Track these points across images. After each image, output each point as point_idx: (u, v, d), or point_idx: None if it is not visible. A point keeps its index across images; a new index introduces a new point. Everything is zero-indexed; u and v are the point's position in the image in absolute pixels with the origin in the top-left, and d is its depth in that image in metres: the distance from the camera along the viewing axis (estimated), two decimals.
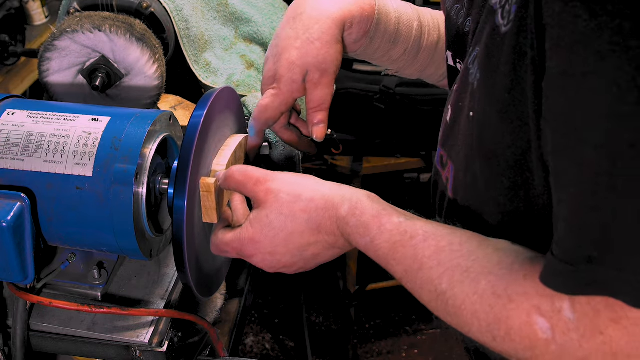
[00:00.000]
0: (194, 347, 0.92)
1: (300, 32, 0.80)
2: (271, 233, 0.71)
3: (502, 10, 0.57)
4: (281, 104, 0.83)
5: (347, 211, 0.67)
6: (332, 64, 0.81)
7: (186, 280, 0.79)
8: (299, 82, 0.82)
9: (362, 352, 2.29)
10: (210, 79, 1.21)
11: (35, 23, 2.08)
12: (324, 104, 0.82)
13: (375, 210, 0.66)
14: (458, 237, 0.61)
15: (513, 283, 0.54)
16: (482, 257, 0.58)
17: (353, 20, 0.82)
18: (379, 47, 0.88)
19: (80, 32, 0.98)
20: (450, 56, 0.78)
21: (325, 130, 0.84)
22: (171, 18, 1.15)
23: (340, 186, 0.71)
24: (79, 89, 1.03)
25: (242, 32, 1.30)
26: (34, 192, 0.79)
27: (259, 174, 0.74)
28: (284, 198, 0.71)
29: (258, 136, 0.87)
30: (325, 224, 0.69)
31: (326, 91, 0.82)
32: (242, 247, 0.74)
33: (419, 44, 0.91)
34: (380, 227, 0.65)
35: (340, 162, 2.01)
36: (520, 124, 0.55)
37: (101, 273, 0.89)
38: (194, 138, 0.75)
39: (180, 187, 0.74)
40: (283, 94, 0.82)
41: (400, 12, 0.88)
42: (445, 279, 0.58)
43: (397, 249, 0.63)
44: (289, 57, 0.81)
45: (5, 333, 0.88)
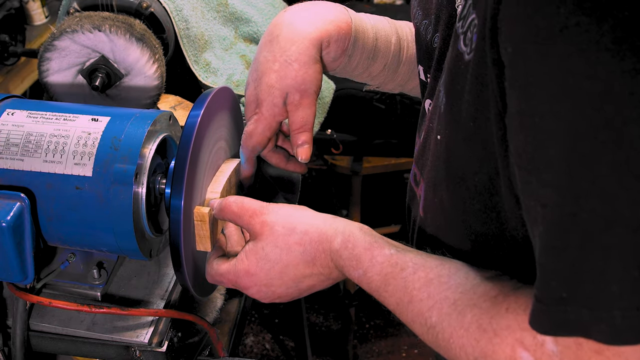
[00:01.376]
0: (194, 347, 0.92)
1: (277, 55, 0.80)
2: (267, 266, 0.72)
3: (464, 36, 0.57)
4: (265, 129, 0.83)
5: (340, 244, 0.68)
6: (312, 84, 0.81)
7: (183, 281, 0.79)
8: (280, 106, 0.81)
9: (362, 352, 2.29)
10: (210, 79, 1.21)
11: (35, 23, 2.08)
12: (307, 125, 0.82)
13: (367, 242, 0.67)
14: (447, 269, 0.61)
15: (496, 316, 0.55)
16: (469, 289, 0.58)
17: (330, 39, 0.82)
18: (358, 63, 0.88)
19: (80, 32, 0.98)
20: (421, 70, 0.79)
21: (310, 150, 0.84)
22: (171, 18, 1.15)
23: (334, 219, 0.72)
24: (79, 89, 1.03)
25: (242, 32, 1.30)
26: (33, 192, 0.80)
27: (255, 205, 0.75)
28: (279, 231, 0.72)
29: (249, 164, 0.87)
30: (320, 256, 0.70)
31: (308, 112, 0.82)
32: (237, 279, 0.75)
33: (399, 59, 0.91)
34: (372, 260, 0.65)
35: (340, 162, 2.01)
36: (486, 152, 0.55)
37: (101, 273, 0.89)
38: (190, 138, 0.75)
39: (177, 186, 0.74)
40: (265, 118, 0.82)
41: (377, 28, 0.88)
42: (434, 312, 0.59)
43: (389, 281, 0.64)
44: (268, 80, 0.81)
45: (5, 333, 0.88)
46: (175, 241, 0.75)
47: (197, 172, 0.78)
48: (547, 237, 0.47)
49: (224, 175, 0.84)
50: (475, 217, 0.61)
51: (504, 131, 0.51)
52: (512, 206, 0.56)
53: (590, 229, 0.45)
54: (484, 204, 0.59)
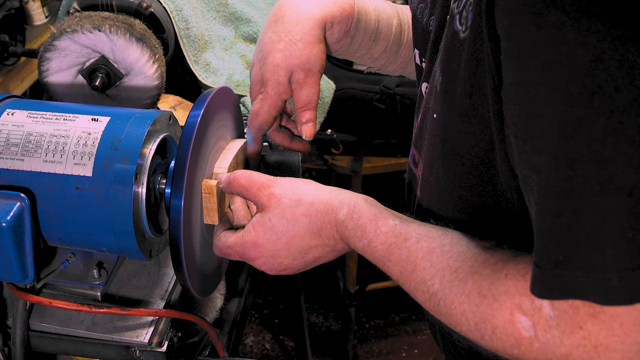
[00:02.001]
0: (194, 347, 0.92)
1: (282, 35, 0.82)
2: (273, 237, 0.73)
3: (460, 16, 0.59)
4: (270, 108, 0.84)
5: (346, 215, 0.69)
6: (316, 63, 0.82)
7: (183, 281, 0.79)
8: (285, 84, 0.83)
9: (362, 352, 2.29)
10: (210, 79, 1.21)
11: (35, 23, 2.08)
12: (311, 103, 0.84)
13: (372, 213, 0.68)
14: (449, 238, 0.63)
15: (496, 282, 0.56)
16: (470, 257, 0.60)
17: (334, 20, 0.84)
18: (360, 45, 0.90)
19: (80, 32, 0.98)
20: (417, 54, 0.80)
21: (314, 128, 0.85)
22: (171, 18, 1.15)
23: (340, 191, 0.73)
24: (79, 89, 1.03)
25: (242, 32, 1.30)
26: (33, 192, 0.79)
27: (263, 179, 0.76)
28: (286, 202, 0.73)
29: (255, 142, 0.88)
30: (326, 227, 0.71)
31: (312, 90, 0.83)
32: (244, 250, 0.75)
33: (399, 41, 0.93)
34: (377, 230, 0.67)
35: (340, 162, 2.01)
36: (482, 127, 0.56)
37: (101, 273, 0.89)
38: (190, 138, 0.75)
39: (177, 186, 0.74)
40: (271, 97, 0.83)
41: (379, 11, 0.90)
42: (437, 280, 0.60)
43: (392, 251, 0.65)
44: (273, 60, 0.82)
45: (5, 333, 0.88)
46: (175, 241, 0.75)
47: (197, 171, 0.78)
48: (543, 202, 0.49)
49: (231, 152, 0.85)
50: (472, 191, 0.62)
51: (499, 105, 0.52)
52: (508, 178, 0.57)
53: (585, 192, 0.46)
54: (480, 177, 0.60)
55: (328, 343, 2.32)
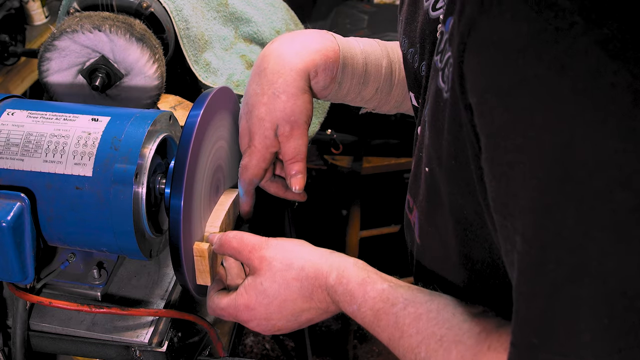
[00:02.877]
0: (194, 347, 0.92)
1: (265, 88, 0.81)
2: (265, 300, 0.74)
3: (442, 73, 0.57)
4: (259, 161, 0.84)
5: (335, 279, 0.70)
6: (302, 114, 0.82)
7: (183, 281, 0.79)
8: (272, 137, 0.82)
9: (362, 352, 2.28)
10: (210, 79, 1.21)
11: (35, 23, 2.08)
12: (299, 155, 0.83)
13: (360, 278, 0.68)
14: (435, 304, 0.63)
15: (479, 354, 0.56)
16: (455, 324, 0.60)
17: (317, 69, 0.82)
18: (350, 89, 0.88)
19: (80, 32, 0.98)
20: (413, 97, 0.79)
21: (304, 180, 0.85)
22: (171, 18, 1.15)
23: (331, 254, 0.73)
24: (79, 89, 1.03)
25: (242, 32, 1.30)
26: (33, 192, 0.79)
27: (254, 241, 0.76)
28: (277, 266, 0.73)
29: (248, 196, 0.88)
30: (317, 291, 0.72)
31: (299, 142, 0.83)
32: (237, 313, 0.77)
33: (391, 82, 0.91)
34: (365, 295, 0.67)
35: (340, 162, 2.01)
36: (470, 189, 0.55)
37: (101, 273, 0.89)
38: (190, 138, 0.75)
39: (177, 186, 0.74)
40: (259, 150, 0.83)
41: (367, 53, 0.88)
42: (423, 348, 0.61)
43: (381, 317, 0.65)
44: (258, 113, 0.82)
45: (5, 333, 0.88)
46: (175, 241, 0.75)
47: (197, 172, 0.78)
48: (519, 282, 0.48)
49: (223, 208, 0.85)
50: (470, 246, 0.61)
51: (481, 171, 0.51)
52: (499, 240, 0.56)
53: (559, 278, 0.45)
54: (475, 234, 0.59)
55: (328, 343, 2.32)
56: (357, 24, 1.98)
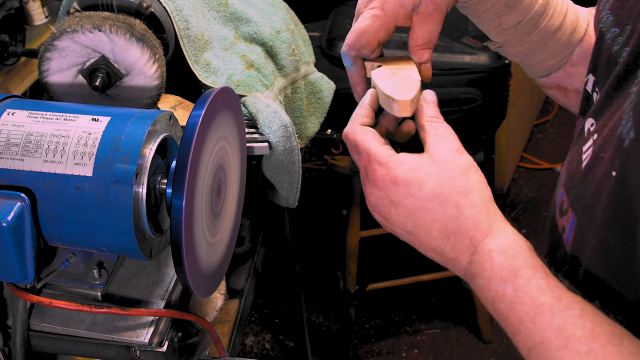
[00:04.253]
0: (194, 347, 0.92)
1: None
2: (414, 191, 0.62)
3: None
4: (380, 28, 0.72)
5: (499, 245, 0.59)
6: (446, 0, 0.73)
7: (184, 281, 0.79)
8: (408, 10, 0.72)
9: (362, 352, 2.29)
10: (210, 79, 1.21)
11: (35, 23, 2.08)
12: (431, 42, 0.74)
13: (534, 260, 0.57)
14: (619, 331, 0.52)
15: None
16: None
17: None
18: (493, 5, 0.78)
19: (80, 32, 0.98)
20: (591, 81, 0.69)
21: (431, 70, 0.75)
22: (171, 18, 1.15)
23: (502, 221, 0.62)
24: (79, 89, 1.03)
25: (242, 32, 1.30)
26: (33, 192, 0.79)
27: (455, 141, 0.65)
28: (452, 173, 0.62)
29: (357, 66, 0.77)
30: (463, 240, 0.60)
31: (436, 27, 0.73)
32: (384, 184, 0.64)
33: (537, 22, 0.80)
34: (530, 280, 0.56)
35: (340, 162, 2.01)
36: None
37: (101, 273, 0.89)
38: (192, 138, 0.75)
39: (179, 186, 0.74)
40: (386, 16, 0.72)
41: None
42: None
43: (542, 314, 0.54)
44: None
45: (5, 333, 0.88)
46: (177, 241, 0.75)
47: (199, 172, 0.78)
48: None
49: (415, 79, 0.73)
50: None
51: None
52: None
53: None
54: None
55: (328, 343, 2.32)
56: None
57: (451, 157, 0.63)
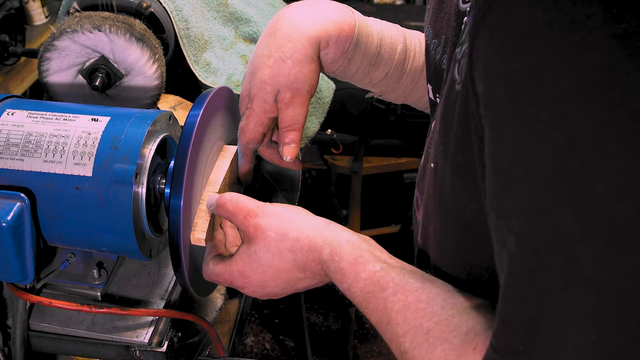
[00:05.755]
0: (194, 347, 0.92)
1: (273, 50, 0.79)
2: (260, 269, 0.73)
3: (459, 64, 0.55)
4: (257, 125, 0.82)
5: (328, 256, 0.68)
6: (305, 83, 0.80)
7: (183, 281, 0.79)
8: (271, 102, 0.80)
9: (362, 352, 2.29)
10: (210, 79, 1.21)
11: (35, 23, 2.08)
12: (296, 124, 0.81)
13: (352, 257, 0.66)
14: (426, 294, 0.61)
15: (463, 355, 0.54)
16: (443, 319, 0.58)
17: (329, 40, 0.80)
18: (359, 69, 0.86)
19: (80, 32, 0.98)
20: (430, 90, 0.76)
21: (297, 150, 0.83)
22: (171, 18, 1.15)
23: (327, 226, 0.71)
24: (79, 89, 1.03)
25: (242, 32, 1.30)
26: (33, 192, 0.80)
27: (250, 206, 0.75)
28: (272, 236, 0.72)
29: (245, 160, 0.87)
30: (310, 264, 0.70)
31: (298, 111, 0.81)
32: (232, 279, 0.76)
33: (402, 69, 0.89)
34: (356, 276, 0.65)
35: (340, 162, 2.01)
36: (474, 187, 0.53)
37: (101, 273, 0.89)
38: (190, 138, 0.75)
39: (177, 186, 0.74)
40: (257, 114, 0.81)
41: (383, 35, 0.86)
42: (408, 338, 0.59)
43: (370, 300, 0.64)
44: (261, 75, 0.80)
45: (5, 333, 0.88)
46: (175, 241, 0.75)
47: (197, 171, 0.78)
48: (508, 286, 0.46)
49: (222, 169, 0.84)
50: (468, 250, 0.60)
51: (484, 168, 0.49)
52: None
53: (549, 285, 0.43)
54: (475, 237, 0.57)
55: (328, 343, 2.32)
56: None
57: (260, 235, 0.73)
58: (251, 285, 0.75)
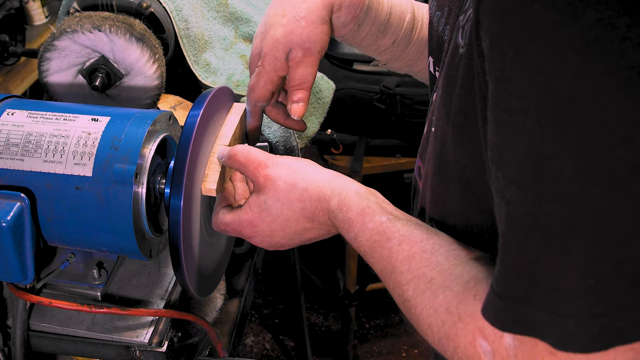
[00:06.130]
0: (194, 347, 0.92)
1: (287, 10, 0.81)
2: (268, 218, 0.74)
3: (462, 30, 0.57)
4: (266, 83, 0.82)
5: (336, 205, 0.69)
6: (317, 43, 0.81)
7: (183, 281, 0.79)
8: (282, 60, 0.81)
9: (362, 352, 2.29)
10: (210, 79, 1.21)
11: (35, 23, 2.08)
12: (305, 83, 0.82)
13: (360, 207, 0.68)
14: (430, 245, 0.62)
15: (464, 302, 0.55)
16: (446, 269, 0.59)
17: (342, 4, 0.82)
18: (367, 34, 0.88)
19: (80, 32, 0.98)
20: (431, 62, 0.79)
21: (305, 108, 0.83)
22: (171, 18, 1.15)
23: (336, 177, 0.72)
24: (79, 89, 1.03)
25: (242, 32, 1.30)
26: (33, 192, 0.80)
27: (261, 157, 0.75)
28: (281, 186, 0.73)
29: (254, 117, 0.87)
30: (318, 214, 0.71)
31: (308, 70, 0.82)
32: (241, 228, 0.76)
33: (409, 38, 0.91)
34: (363, 225, 0.66)
35: (340, 162, 2.01)
36: (475, 147, 0.55)
37: (101, 273, 0.89)
38: (190, 137, 0.75)
39: (177, 186, 0.74)
40: (267, 72, 0.82)
41: (393, 2, 0.89)
42: (411, 287, 0.60)
43: (375, 249, 0.65)
44: (274, 34, 0.81)
45: (5, 333, 0.88)
46: (175, 241, 0.75)
47: (197, 171, 0.78)
48: (509, 234, 0.48)
49: (232, 124, 0.84)
50: (469, 210, 0.61)
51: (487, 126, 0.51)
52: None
53: (550, 231, 0.45)
54: (475, 197, 0.59)
55: (328, 343, 2.32)
56: None
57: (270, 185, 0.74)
58: (259, 234, 0.75)
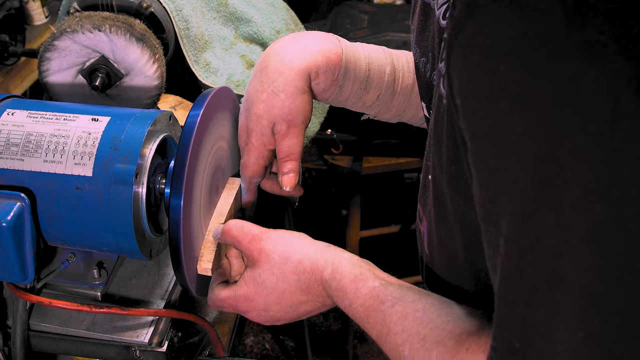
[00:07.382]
0: (194, 347, 0.92)
1: (265, 85, 0.82)
2: (264, 292, 0.75)
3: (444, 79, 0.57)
4: (258, 158, 0.85)
5: (330, 275, 0.71)
6: (299, 114, 0.82)
7: (183, 281, 0.79)
8: (269, 135, 0.83)
9: (362, 352, 2.29)
10: (210, 79, 1.21)
11: (35, 23, 2.08)
12: (293, 154, 0.84)
13: (353, 275, 0.70)
14: (422, 304, 0.64)
15: (457, 355, 0.56)
16: (438, 325, 0.60)
17: (319, 70, 0.83)
18: (351, 94, 0.88)
19: (80, 32, 0.98)
20: (424, 107, 0.79)
21: (296, 179, 0.85)
22: (171, 18, 1.15)
23: (327, 248, 0.74)
24: (79, 89, 1.03)
25: (242, 32, 1.30)
26: (33, 192, 0.80)
27: (254, 231, 0.77)
28: (275, 259, 0.75)
29: (249, 194, 0.89)
30: (313, 285, 0.73)
31: (294, 141, 0.83)
32: (237, 303, 0.78)
33: (393, 89, 0.91)
34: (356, 292, 0.68)
35: (340, 162, 2.01)
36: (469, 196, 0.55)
37: (101, 273, 0.89)
38: (190, 137, 0.75)
39: (177, 186, 0.74)
40: (256, 148, 0.84)
41: (371, 58, 0.89)
42: (407, 346, 0.61)
43: (370, 314, 0.67)
44: (256, 110, 0.83)
45: (5, 333, 0.88)
46: (175, 241, 0.75)
47: (197, 171, 0.78)
48: (501, 287, 0.48)
49: (228, 202, 0.86)
50: (474, 253, 0.61)
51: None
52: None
53: (536, 285, 0.45)
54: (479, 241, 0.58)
55: (328, 343, 2.32)
56: (357, 24, 1.98)
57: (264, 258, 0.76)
58: (255, 309, 0.77)
